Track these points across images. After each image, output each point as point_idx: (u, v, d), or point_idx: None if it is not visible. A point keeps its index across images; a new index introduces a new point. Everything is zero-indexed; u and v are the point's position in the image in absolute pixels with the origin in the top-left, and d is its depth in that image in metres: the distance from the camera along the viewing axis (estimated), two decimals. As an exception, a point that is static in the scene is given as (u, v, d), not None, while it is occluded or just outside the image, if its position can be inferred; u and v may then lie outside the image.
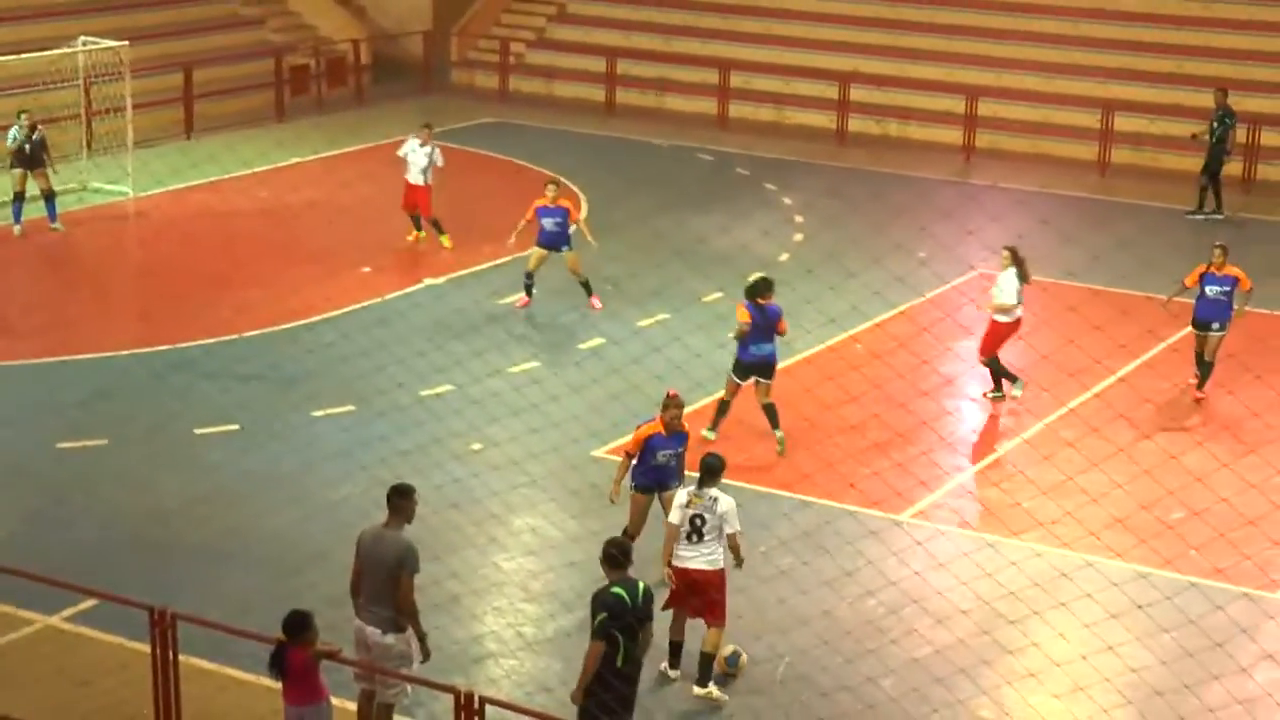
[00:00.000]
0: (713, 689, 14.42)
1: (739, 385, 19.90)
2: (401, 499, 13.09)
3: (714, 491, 14.50)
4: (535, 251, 24.52)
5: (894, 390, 21.02)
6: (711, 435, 19.78)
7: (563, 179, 32.20)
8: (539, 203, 24.55)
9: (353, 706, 13.22)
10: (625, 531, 15.71)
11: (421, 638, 12.90)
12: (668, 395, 16.16)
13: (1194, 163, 32.21)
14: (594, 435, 19.79)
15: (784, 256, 27.48)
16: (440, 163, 27.55)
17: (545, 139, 36.08)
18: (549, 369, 21.83)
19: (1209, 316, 21.37)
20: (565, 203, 24.65)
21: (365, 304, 24.70)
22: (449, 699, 11.93)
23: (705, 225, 28.28)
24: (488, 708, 11.81)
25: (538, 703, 13.79)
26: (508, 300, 24.81)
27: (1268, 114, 33.32)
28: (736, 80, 38.01)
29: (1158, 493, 17.71)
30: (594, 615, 12.48)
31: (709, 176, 33.45)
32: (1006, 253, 21.58)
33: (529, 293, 24.64)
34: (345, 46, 40.28)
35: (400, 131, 35.87)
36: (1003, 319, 21.40)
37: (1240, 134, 31.88)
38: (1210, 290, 21.29)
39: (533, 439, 19.34)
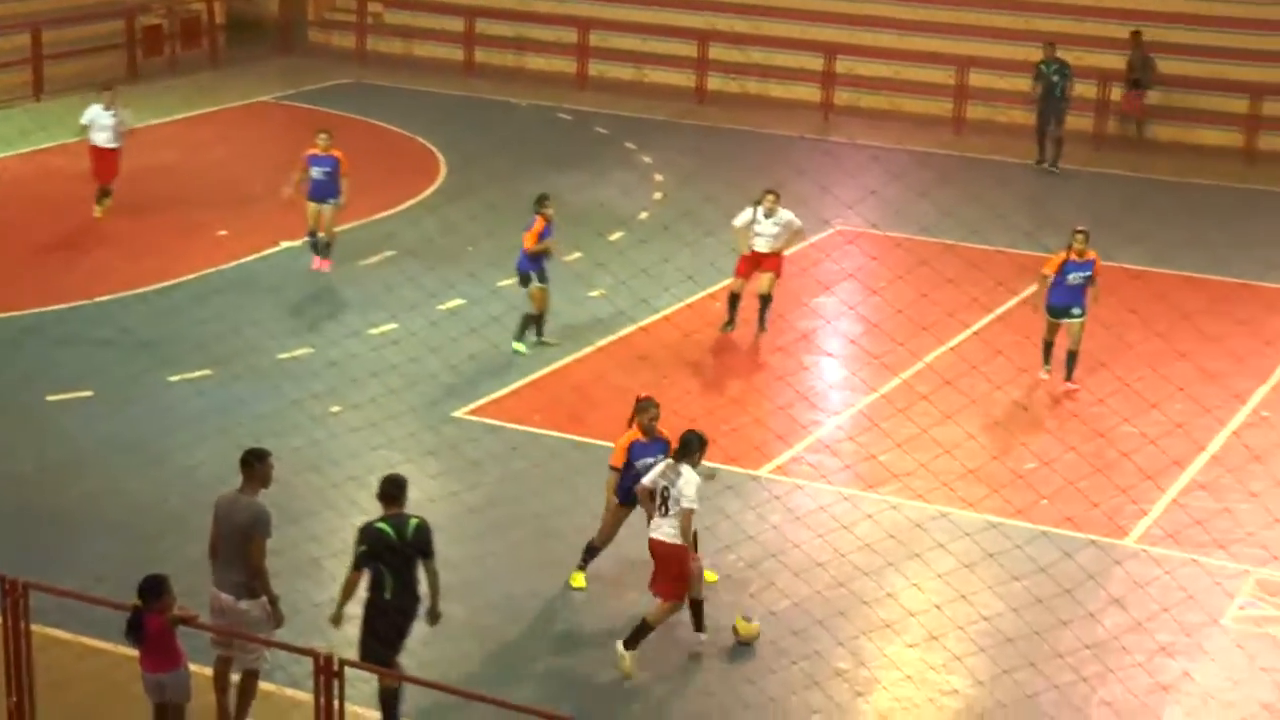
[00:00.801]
0: (628, 657, 14.36)
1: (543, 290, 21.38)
2: (257, 463, 13.02)
3: (683, 466, 14.44)
4: (309, 208, 24.03)
5: (752, 347, 21.23)
6: (522, 349, 21.06)
7: (419, 138, 32.24)
8: (309, 151, 24.06)
9: (211, 672, 13.15)
10: (591, 542, 15.60)
11: (273, 601, 12.87)
12: (639, 399, 15.48)
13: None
14: (453, 395, 19.78)
15: (643, 215, 27.57)
16: (131, 125, 26.83)
17: (403, 100, 35.85)
18: (407, 330, 21.74)
19: (1069, 302, 20.78)
20: (336, 152, 24.10)
21: (221, 267, 24.45)
22: (309, 662, 11.90)
23: (565, 184, 28.22)
24: (347, 670, 11.79)
25: (399, 662, 13.76)
26: (367, 262, 24.67)
27: (1110, 69, 33.81)
28: (595, 39, 37.95)
29: (1010, 443, 18.03)
30: (355, 546, 12.95)
31: (568, 136, 33.42)
32: (771, 195, 22.50)
33: (315, 251, 24.19)
34: (199, 6, 39.65)
35: (257, 93, 35.56)
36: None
37: (1090, 90, 32.43)
38: (1072, 277, 20.66)
39: (391, 400, 19.29)
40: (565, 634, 15.01)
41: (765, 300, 22.43)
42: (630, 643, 14.37)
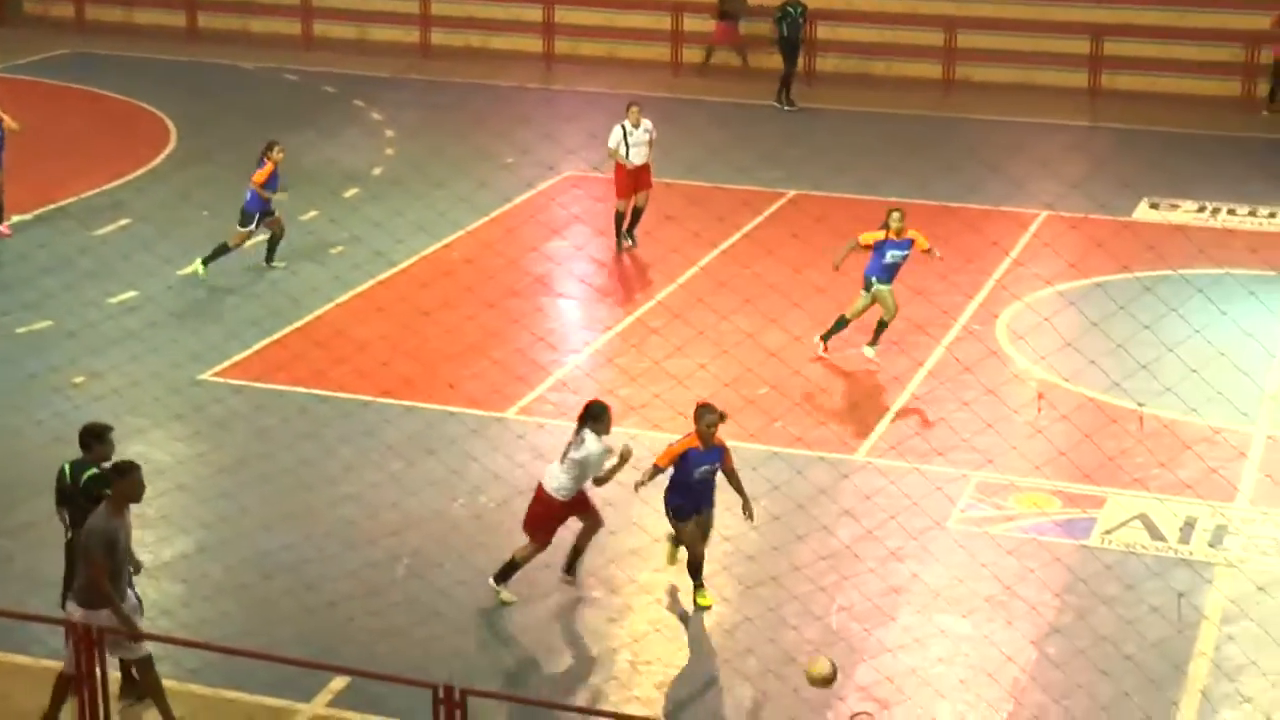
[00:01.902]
0: (502, 590, 14.50)
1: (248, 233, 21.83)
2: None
3: (586, 433, 14.26)
4: None
5: (488, 293, 21.21)
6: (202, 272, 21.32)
7: (148, 106, 31.42)
8: None
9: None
10: (690, 560, 14.58)
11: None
12: (699, 405, 14.37)
13: (757, 60, 33.27)
14: (197, 359, 19.40)
15: (376, 170, 27.30)
16: None
17: (128, 68, 34.82)
18: (146, 297, 21.24)
19: (885, 277, 19.93)
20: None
21: (-50, 245, 23.60)
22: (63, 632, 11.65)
23: (297, 144, 27.75)
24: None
25: (161, 626, 13.55)
26: (101, 231, 24.00)
27: (819, 8, 34.32)
28: (318, 0, 37.36)
29: (740, 371, 18.32)
30: None
31: (297, 96, 32.86)
32: (635, 107, 23.27)
33: None
34: (-93, -21, 38.06)
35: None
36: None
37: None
38: (890, 255, 19.88)
39: (134, 367, 18.84)
40: (322, 586, 14.85)
41: (638, 214, 23.30)
42: (499, 577, 14.46)
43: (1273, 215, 24.99)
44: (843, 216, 22.32)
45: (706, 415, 14.15)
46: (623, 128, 23.25)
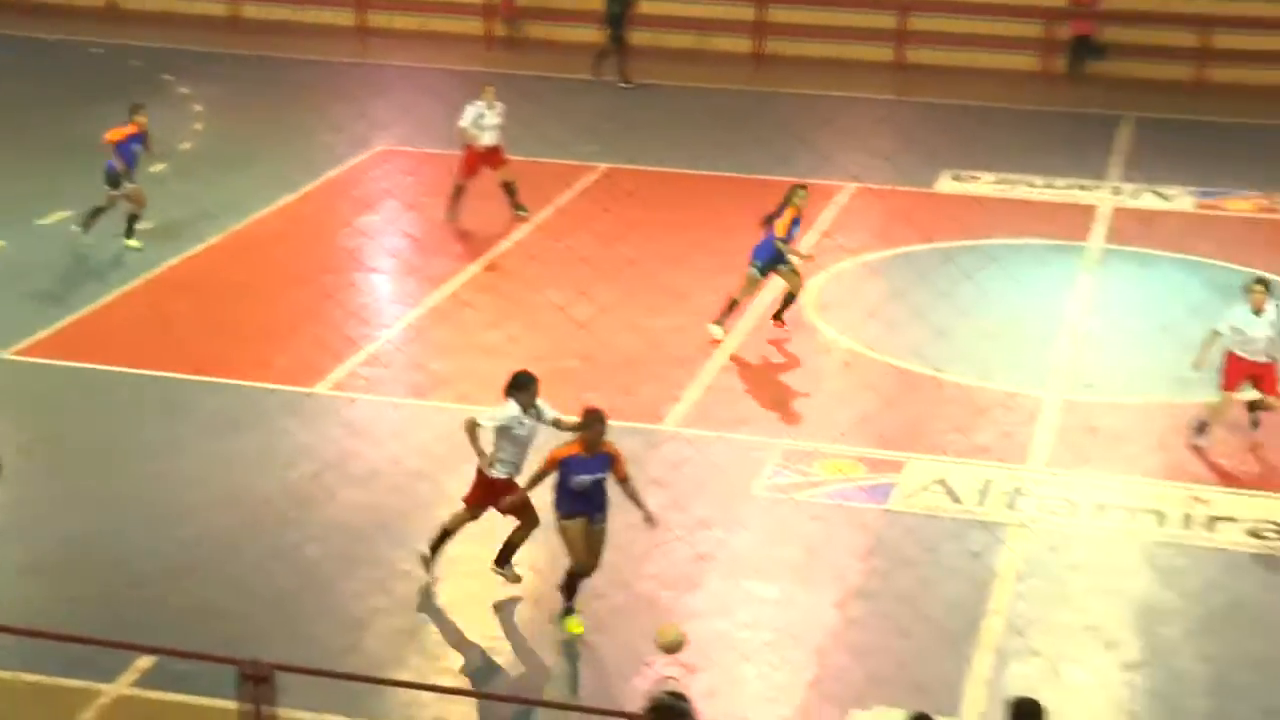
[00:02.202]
0: (428, 556, 14.38)
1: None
2: None
3: (510, 401, 14.04)
4: None
5: (299, 269, 21.07)
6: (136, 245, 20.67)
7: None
8: None
9: None
10: (571, 572, 13.76)
11: None
12: (587, 411, 13.45)
13: (576, 34, 33.36)
14: None
15: (185, 145, 26.85)
16: None
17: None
18: (-53, 276, 20.78)
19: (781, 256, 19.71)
20: None
21: None
22: None
23: (104, 119, 27.20)
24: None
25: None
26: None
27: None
28: (123, -29, 36.62)
29: (551, 344, 18.40)
30: None
31: (103, 71, 32.15)
32: (490, 88, 22.93)
33: None
34: None
35: None
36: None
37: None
38: (795, 232, 19.74)
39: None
40: (129, 566, 14.66)
41: (511, 186, 22.99)
42: (433, 548, 14.32)
43: (1067, 187, 25.61)
44: (655, 190, 22.48)
45: (593, 424, 13.27)
46: (476, 107, 22.93)
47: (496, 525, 14.30)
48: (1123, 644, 13.67)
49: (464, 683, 13.14)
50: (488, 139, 22.89)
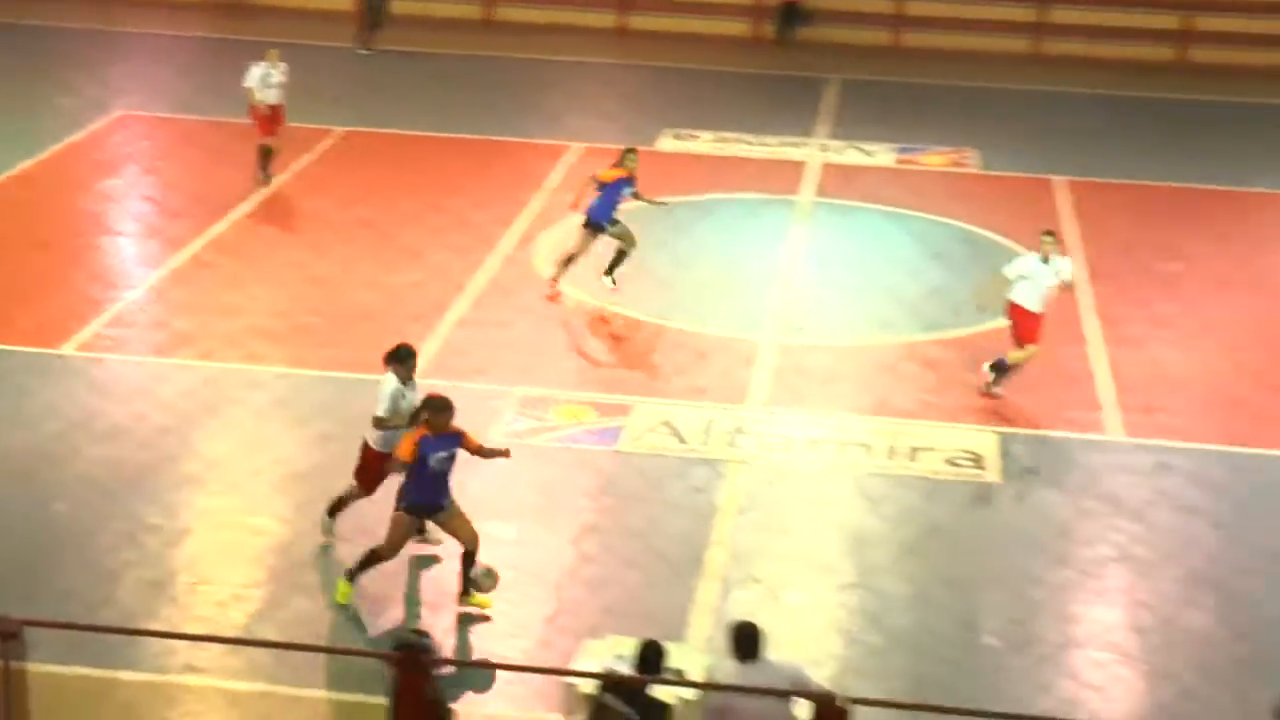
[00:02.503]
0: (329, 524, 13.89)
1: None
2: None
3: (388, 374, 13.40)
4: None
5: (41, 233, 20.38)
6: None
7: None
8: None
9: None
10: (376, 553, 13.02)
11: None
12: (430, 398, 12.79)
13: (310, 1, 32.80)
14: None
15: (-80, 112, 25.75)
16: None
17: None
18: None
19: (602, 218, 19.17)
20: None
21: None
22: None
23: None
24: None
25: None
26: None
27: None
28: None
29: (290, 302, 18.13)
30: None
31: None
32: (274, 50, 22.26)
33: None
34: None
35: None
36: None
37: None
38: (625, 192, 19.07)
39: None
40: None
41: (268, 151, 22.28)
42: (330, 511, 13.88)
43: (779, 145, 26.05)
44: (391, 153, 22.25)
45: (440, 413, 12.61)
46: (261, 67, 22.29)
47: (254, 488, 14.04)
48: (835, 568, 14.06)
49: (214, 630, 12.92)
50: (273, 97, 22.38)
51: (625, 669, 10.53)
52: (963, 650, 12.95)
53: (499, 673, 12.29)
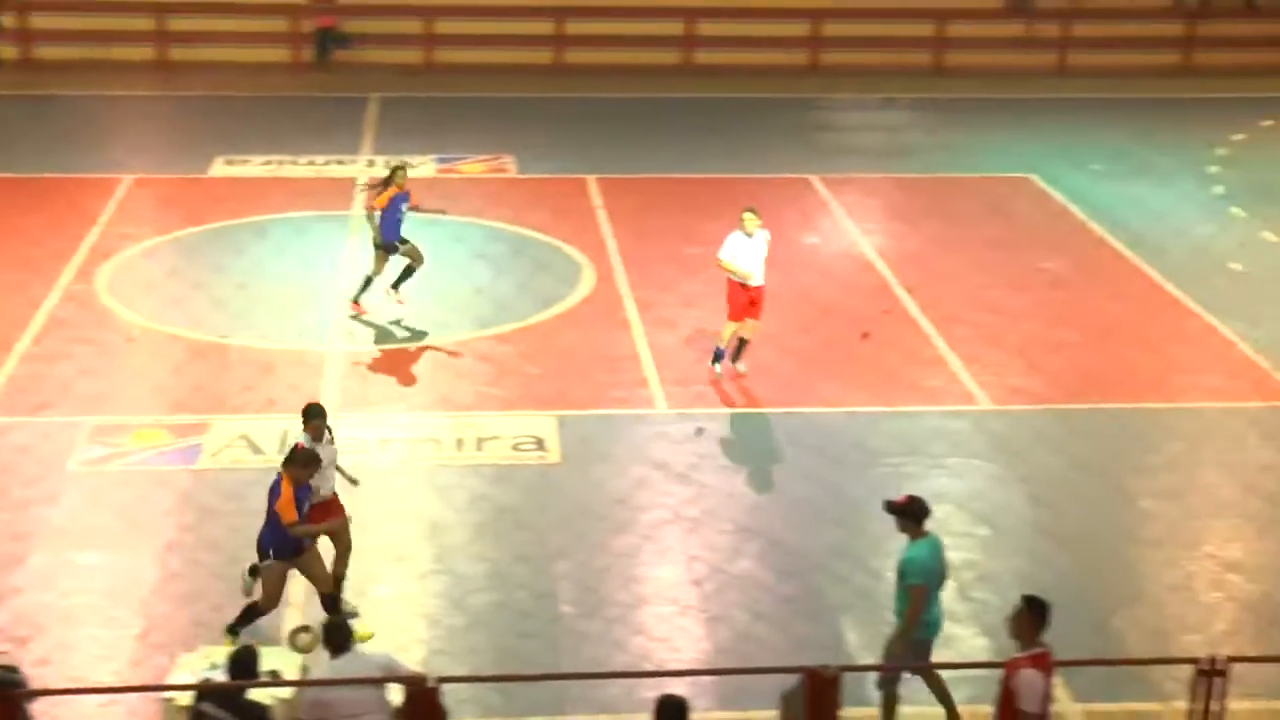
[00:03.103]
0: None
1: None
2: None
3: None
4: None
5: None
6: None
7: None
8: None
9: None
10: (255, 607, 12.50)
11: None
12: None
13: None
14: None
15: None
16: None
17: None
18: None
19: (392, 238, 18.61)
20: None
21: None
22: None
23: None
24: None
25: None
26: None
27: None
28: None
29: None
30: None
31: None
32: None
33: None
34: None
35: None
36: None
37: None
38: (403, 208, 18.55)
39: None
40: None
41: None
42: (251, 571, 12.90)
43: (326, 163, 25.72)
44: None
45: (304, 466, 12.30)
46: None
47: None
48: (413, 557, 14.08)
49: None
50: None
51: (221, 678, 10.29)
52: (541, 621, 13.17)
53: (95, 697, 11.78)
